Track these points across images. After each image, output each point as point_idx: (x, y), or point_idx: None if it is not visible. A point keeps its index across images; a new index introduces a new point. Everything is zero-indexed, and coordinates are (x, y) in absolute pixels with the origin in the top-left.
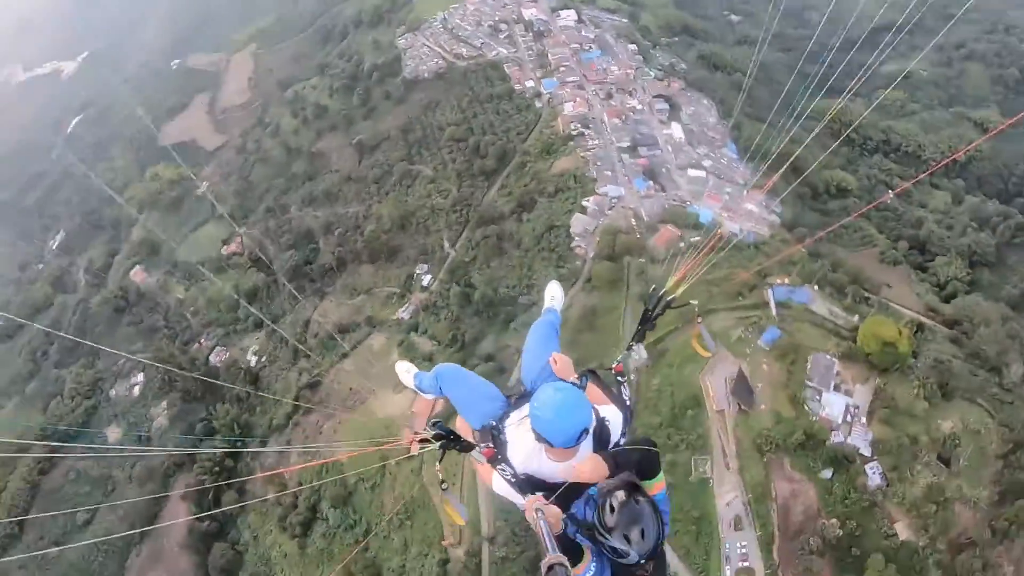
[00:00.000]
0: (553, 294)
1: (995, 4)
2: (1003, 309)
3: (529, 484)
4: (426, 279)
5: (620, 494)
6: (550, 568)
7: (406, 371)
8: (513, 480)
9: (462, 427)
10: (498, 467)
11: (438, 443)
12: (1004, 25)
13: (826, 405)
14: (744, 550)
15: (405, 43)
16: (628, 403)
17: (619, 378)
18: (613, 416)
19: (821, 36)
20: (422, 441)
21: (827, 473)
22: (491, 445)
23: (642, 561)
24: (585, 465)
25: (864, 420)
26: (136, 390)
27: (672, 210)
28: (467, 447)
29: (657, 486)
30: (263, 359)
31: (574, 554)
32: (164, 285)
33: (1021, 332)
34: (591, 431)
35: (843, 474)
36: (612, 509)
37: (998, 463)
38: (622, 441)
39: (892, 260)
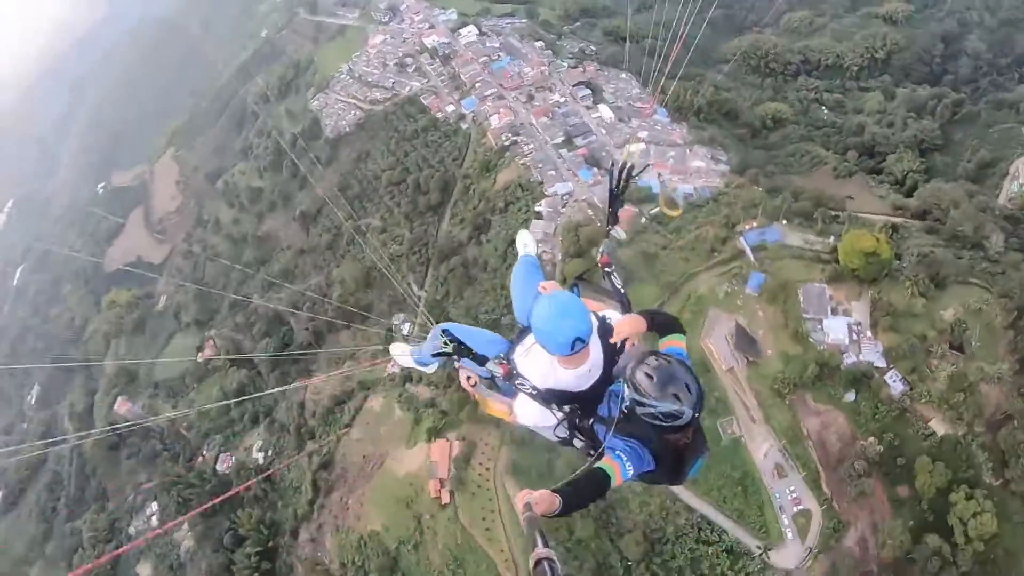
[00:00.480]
0: (525, 241)
1: None
2: (966, 186)
3: (554, 397)
4: (405, 328)
5: (651, 360)
6: (537, 563)
7: (401, 352)
8: (535, 393)
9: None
10: (517, 382)
11: (453, 350)
12: None
13: (829, 331)
14: (794, 494)
15: (319, 104)
16: (622, 291)
17: (607, 269)
18: (613, 315)
19: None
20: (438, 355)
21: (850, 396)
22: (504, 362)
23: (696, 415)
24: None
25: (869, 334)
26: (154, 520)
27: None
28: (482, 360)
29: (681, 342)
30: (269, 453)
31: (602, 478)
32: (151, 409)
33: (989, 202)
34: (595, 330)
35: (866, 392)
36: (649, 376)
37: (1009, 334)
38: None
39: (847, 172)
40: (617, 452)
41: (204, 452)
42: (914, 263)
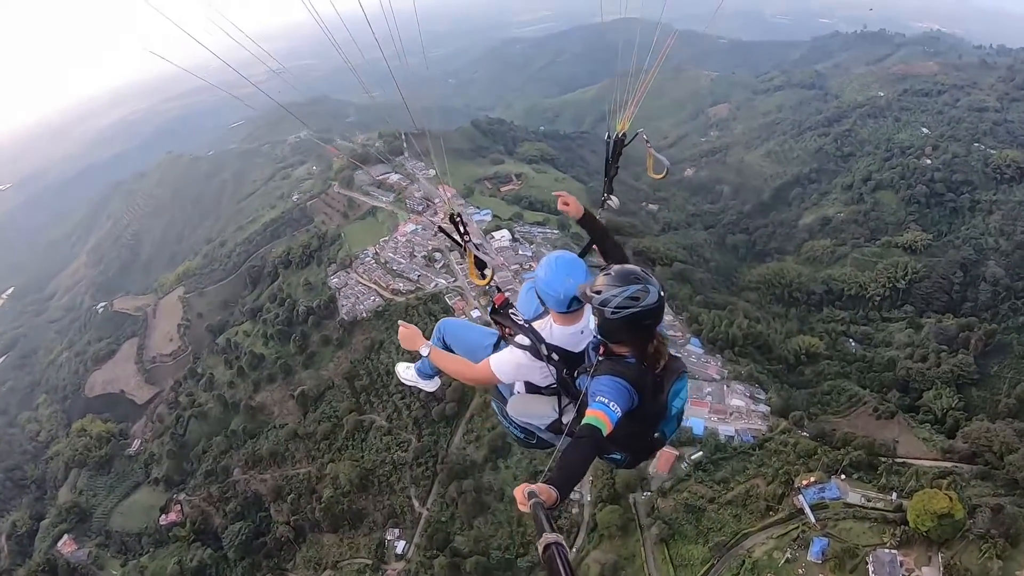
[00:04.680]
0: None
1: (884, 130)
2: (1014, 424)
3: (546, 347)
4: (400, 545)
5: (606, 270)
6: (546, 548)
7: (406, 368)
8: (526, 327)
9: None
10: (511, 312)
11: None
12: (898, 148)
13: None
14: None
15: (338, 282)
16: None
17: None
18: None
19: (736, 206)
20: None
21: None
22: (501, 292)
23: (661, 294)
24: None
25: None
26: None
27: None
28: (482, 264)
29: None
30: None
31: (592, 433)
32: (97, 559)
33: None
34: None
35: None
36: (607, 275)
37: None
38: None
39: (888, 414)
40: (598, 399)
41: None
42: (986, 520)
